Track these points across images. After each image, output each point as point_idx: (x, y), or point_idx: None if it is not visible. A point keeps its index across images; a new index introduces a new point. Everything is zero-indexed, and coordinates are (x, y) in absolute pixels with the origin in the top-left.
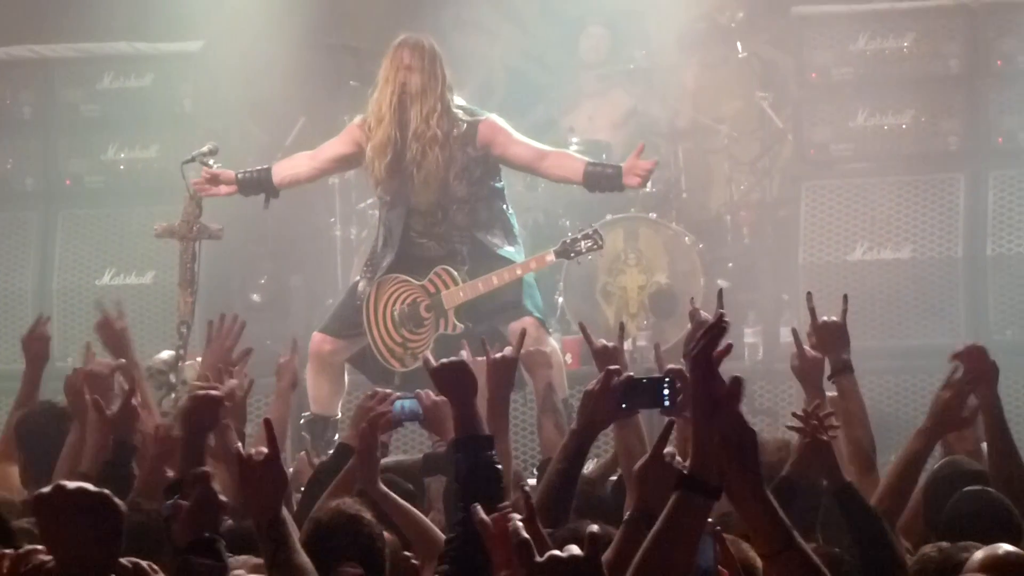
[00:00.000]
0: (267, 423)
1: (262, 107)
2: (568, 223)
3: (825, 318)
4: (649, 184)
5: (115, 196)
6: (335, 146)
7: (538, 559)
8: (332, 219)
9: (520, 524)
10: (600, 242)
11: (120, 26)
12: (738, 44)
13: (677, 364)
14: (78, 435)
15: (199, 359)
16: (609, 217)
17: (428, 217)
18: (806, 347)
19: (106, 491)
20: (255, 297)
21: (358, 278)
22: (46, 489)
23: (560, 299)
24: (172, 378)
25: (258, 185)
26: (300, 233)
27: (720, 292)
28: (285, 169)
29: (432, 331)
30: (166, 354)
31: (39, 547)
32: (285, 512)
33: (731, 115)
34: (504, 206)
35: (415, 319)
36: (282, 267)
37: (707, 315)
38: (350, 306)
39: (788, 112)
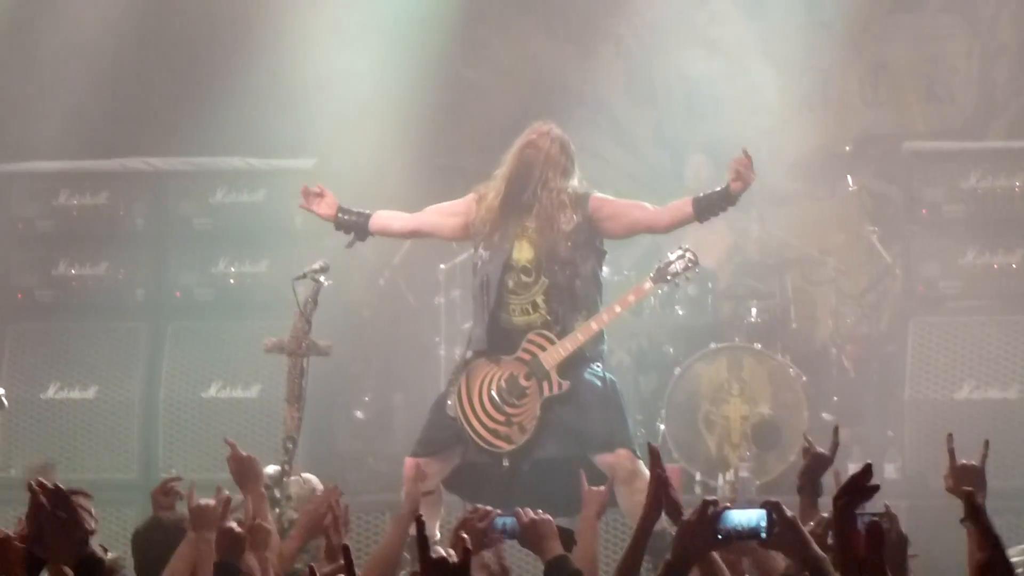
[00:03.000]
0: (345, 550)
1: None
2: (672, 350)
3: (964, 461)
4: (754, 313)
5: (224, 309)
6: (443, 205)
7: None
8: (437, 338)
9: None
10: (694, 258)
11: (234, 141)
12: (848, 177)
13: (778, 496)
14: (189, 549)
15: (304, 475)
16: (713, 346)
17: (525, 275)
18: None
19: None
20: (359, 414)
21: (444, 392)
22: None
23: (662, 427)
24: (277, 493)
25: (353, 225)
26: (405, 351)
27: (836, 429)
28: (384, 217)
29: (537, 397)
30: (271, 469)
31: None
32: None
33: (839, 247)
34: (599, 299)
35: (516, 391)
36: (386, 385)
37: (822, 449)
38: (438, 424)
39: (897, 247)
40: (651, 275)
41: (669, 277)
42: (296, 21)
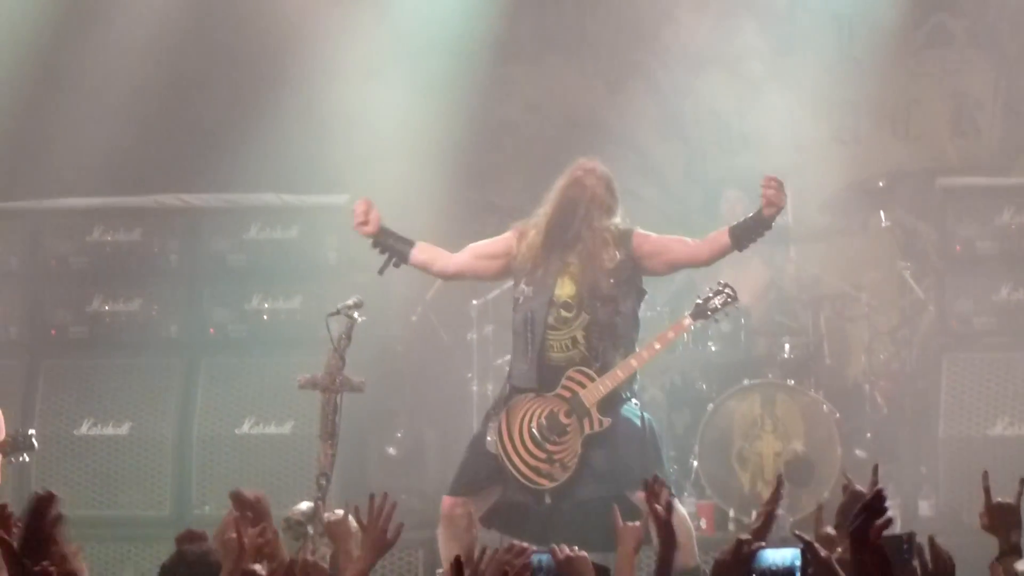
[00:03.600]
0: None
1: None
2: (704, 386)
3: (999, 499)
4: (787, 349)
5: (258, 345)
6: (483, 246)
7: None
8: (469, 374)
9: None
10: (733, 293)
11: (267, 177)
12: (881, 213)
13: (810, 534)
14: None
15: (337, 511)
16: (747, 382)
17: (566, 310)
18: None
19: None
20: (391, 450)
21: (481, 430)
22: None
23: (695, 463)
24: (310, 529)
25: (392, 250)
26: (437, 387)
27: (875, 468)
28: (426, 252)
29: (577, 434)
30: (304, 505)
31: None
32: None
33: (872, 283)
34: (636, 337)
35: (556, 429)
36: (419, 421)
37: (861, 487)
38: (475, 462)
39: (930, 282)
40: (690, 311)
41: (709, 313)
42: (328, 57)
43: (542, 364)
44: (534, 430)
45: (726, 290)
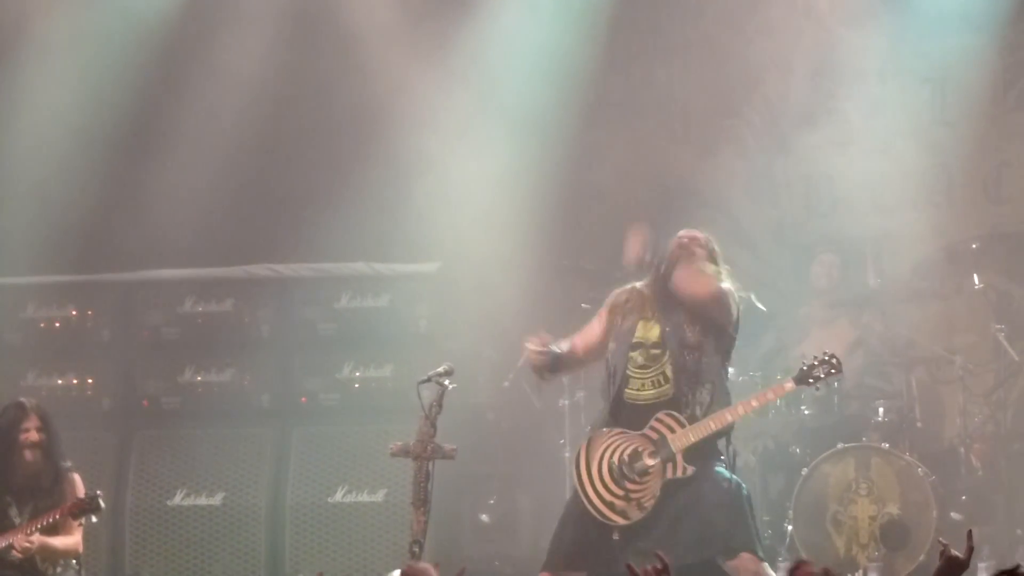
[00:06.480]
0: None
1: (496, 328)
2: (798, 450)
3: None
4: (881, 412)
5: (349, 414)
6: (588, 334)
7: None
8: (561, 441)
9: None
10: (838, 366)
11: (358, 247)
12: (975, 275)
13: None
14: None
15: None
16: (841, 446)
17: (652, 349)
18: None
19: None
20: (483, 517)
21: (573, 496)
22: None
23: (790, 528)
24: None
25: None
26: (530, 454)
27: (969, 533)
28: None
29: (659, 477)
30: (396, 573)
31: None
32: None
33: (965, 346)
34: (721, 383)
35: (638, 468)
36: (511, 488)
37: (957, 551)
38: (571, 534)
39: None
40: (794, 376)
41: (811, 380)
42: (416, 127)
43: (624, 404)
44: (615, 461)
45: (831, 360)
